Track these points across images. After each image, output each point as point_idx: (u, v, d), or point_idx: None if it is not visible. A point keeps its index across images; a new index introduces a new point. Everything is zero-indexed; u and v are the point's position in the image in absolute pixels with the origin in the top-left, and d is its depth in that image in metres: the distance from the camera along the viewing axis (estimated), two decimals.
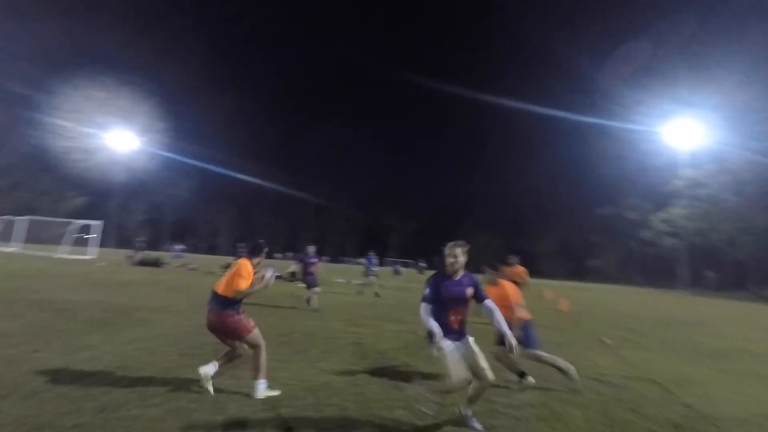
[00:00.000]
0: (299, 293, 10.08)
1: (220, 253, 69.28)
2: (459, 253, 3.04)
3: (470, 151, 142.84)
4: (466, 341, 2.99)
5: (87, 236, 26.14)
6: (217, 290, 3.45)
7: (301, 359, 4.65)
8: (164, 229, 77.03)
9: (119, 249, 44.88)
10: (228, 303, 3.40)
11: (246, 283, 3.41)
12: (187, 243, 55.73)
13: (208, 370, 3.35)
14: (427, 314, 2.95)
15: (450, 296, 2.98)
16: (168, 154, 69.56)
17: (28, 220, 26.73)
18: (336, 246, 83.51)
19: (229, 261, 15.71)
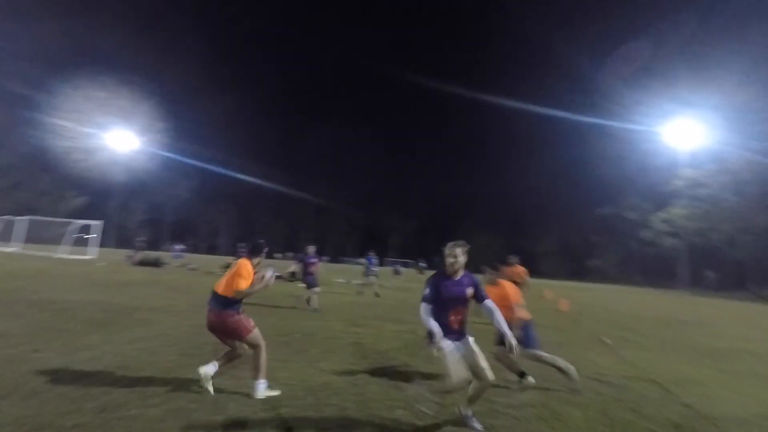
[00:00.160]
0: (299, 293, 10.08)
1: (220, 253, 69.29)
2: (459, 253, 3.04)
3: (470, 151, 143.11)
4: (466, 341, 2.99)
5: (87, 236, 26.15)
6: (217, 290, 3.46)
7: (301, 359, 4.65)
8: (164, 229, 77.04)
9: (119, 249, 44.88)
10: (228, 303, 3.40)
11: (246, 283, 3.41)
12: (187, 243, 55.74)
13: (208, 370, 3.35)
14: (427, 314, 2.95)
15: (450, 296, 2.98)
16: (168, 154, 69.75)
17: (28, 220, 26.73)
18: (336, 246, 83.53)
19: (229, 261, 15.71)
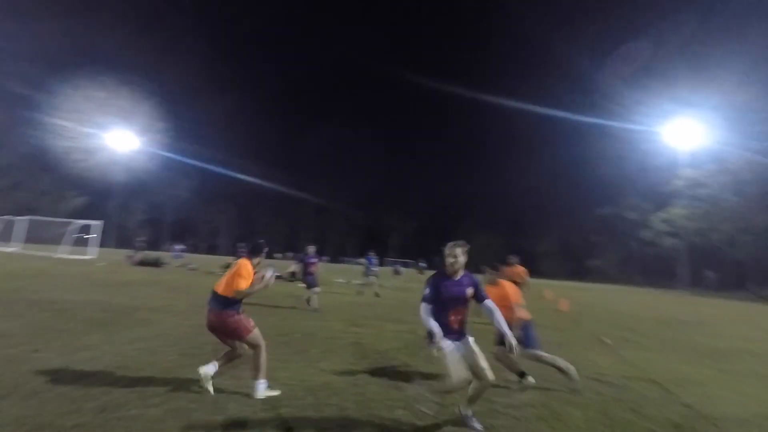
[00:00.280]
0: (299, 293, 10.08)
1: (220, 253, 69.28)
2: (459, 253, 3.04)
3: (470, 151, 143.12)
4: (466, 341, 2.99)
5: (87, 236, 26.15)
6: (217, 290, 3.46)
7: (301, 359, 4.65)
8: (164, 229, 77.03)
9: (119, 249, 44.88)
10: (228, 303, 3.40)
11: (246, 283, 3.41)
12: (187, 243, 55.74)
13: (208, 370, 3.35)
14: (427, 314, 2.95)
15: (450, 296, 2.98)
16: (168, 154, 69.74)
17: (28, 220, 26.73)
18: (336, 246, 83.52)
19: (229, 261, 15.71)
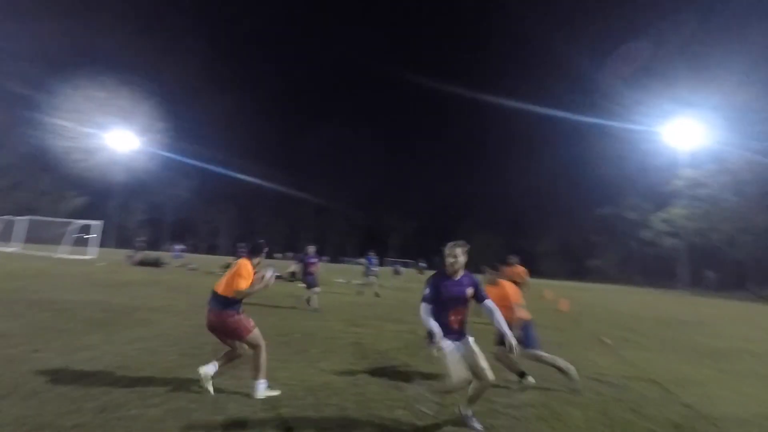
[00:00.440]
0: (299, 293, 10.08)
1: (220, 253, 69.27)
2: (459, 253, 3.04)
3: (470, 151, 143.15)
4: (466, 341, 2.99)
5: (87, 236, 26.15)
6: (217, 290, 3.46)
7: (301, 359, 4.65)
8: (164, 229, 77.02)
9: (119, 249, 44.87)
10: (228, 303, 3.40)
11: (246, 283, 3.41)
12: (187, 243, 55.73)
13: (208, 370, 3.35)
14: (427, 314, 2.95)
15: (450, 296, 2.98)
16: (168, 154, 69.74)
17: (28, 220, 26.72)
18: (336, 246, 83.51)
19: (229, 261, 15.71)
